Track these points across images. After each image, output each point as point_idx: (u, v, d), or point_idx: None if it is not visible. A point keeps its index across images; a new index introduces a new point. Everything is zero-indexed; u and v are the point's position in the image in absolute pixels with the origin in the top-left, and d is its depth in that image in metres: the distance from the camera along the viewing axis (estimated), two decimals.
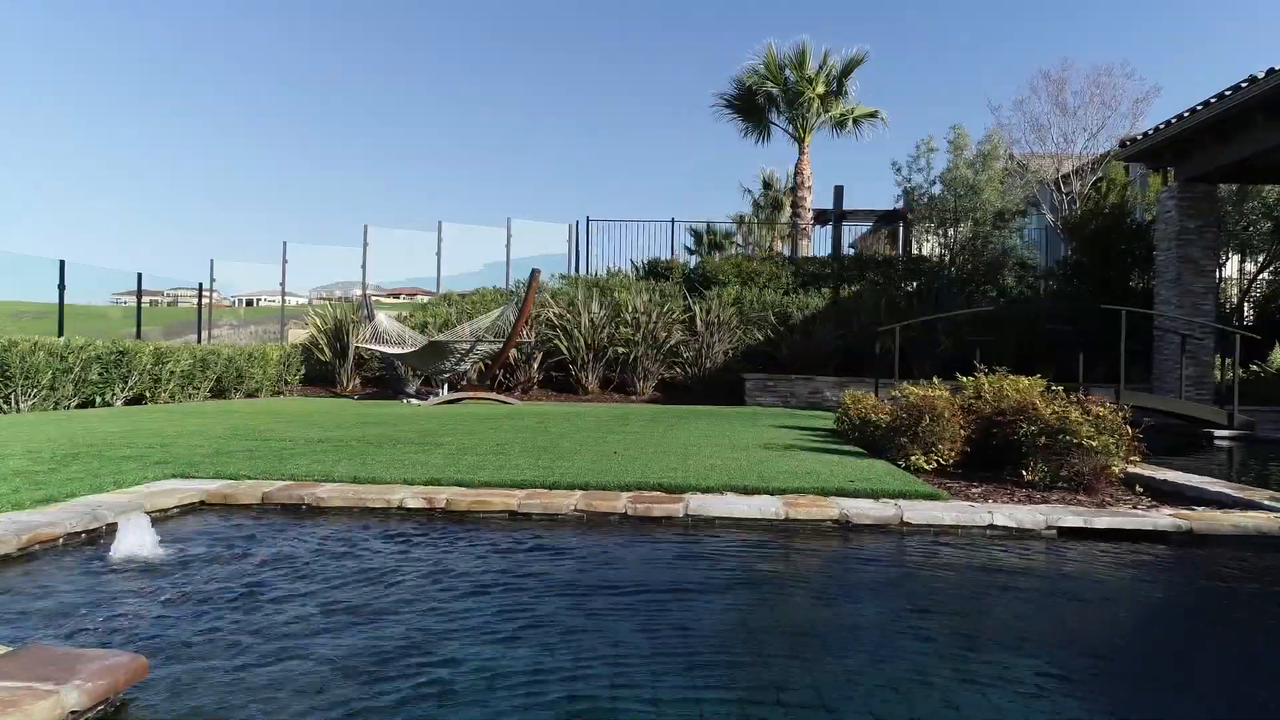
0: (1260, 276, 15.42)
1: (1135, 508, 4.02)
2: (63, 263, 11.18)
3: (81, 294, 12.64)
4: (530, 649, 2.04)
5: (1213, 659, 2.26)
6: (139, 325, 13.43)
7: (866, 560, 3.13)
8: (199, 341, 14.69)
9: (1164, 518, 3.68)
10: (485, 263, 22.03)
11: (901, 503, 3.81)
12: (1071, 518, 3.66)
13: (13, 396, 7.99)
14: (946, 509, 3.74)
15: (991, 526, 3.60)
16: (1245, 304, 15.79)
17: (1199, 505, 4.16)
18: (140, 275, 13.38)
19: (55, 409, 8.52)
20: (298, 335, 15.85)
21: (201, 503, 3.79)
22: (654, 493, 3.96)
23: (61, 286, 11.21)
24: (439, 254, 17.40)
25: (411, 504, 3.76)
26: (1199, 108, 10.98)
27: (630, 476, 4.26)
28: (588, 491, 3.94)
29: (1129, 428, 4.78)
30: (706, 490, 4.01)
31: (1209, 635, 2.50)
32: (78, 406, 8.90)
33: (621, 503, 3.73)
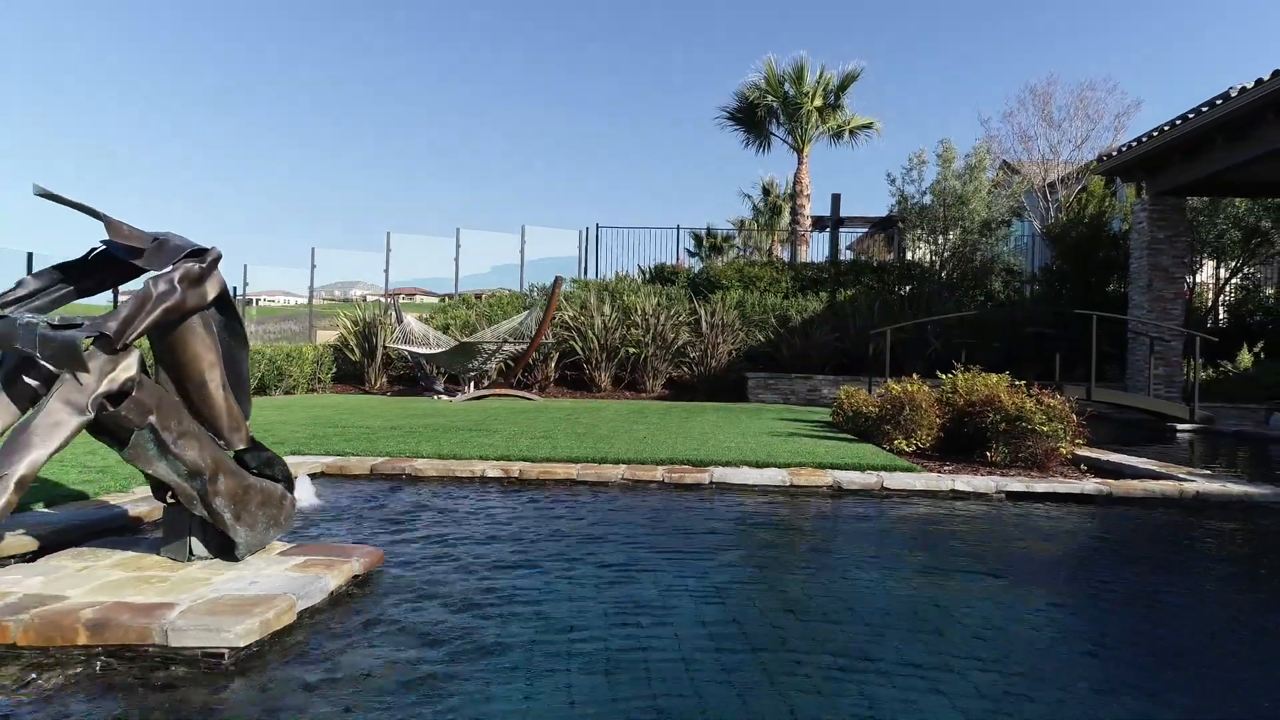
0: (1231, 281, 16.41)
1: (1076, 480, 4.96)
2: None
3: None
4: (603, 543, 2.98)
5: (1087, 562, 3.21)
6: None
7: (851, 508, 4.06)
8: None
9: (1090, 484, 4.64)
10: (493, 265, 22.98)
11: (883, 473, 4.76)
12: (1016, 484, 4.62)
13: None
14: (918, 478, 4.68)
15: (953, 491, 4.55)
16: (1219, 307, 16.78)
17: (1133, 479, 5.10)
18: None
19: None
20: (325, 336, 16.77)
21: (322, 472, 4.72)
22: (683, 466, 4.90)
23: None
24: (456, 259, 18.34)
25: (491, 474, 4.70)
26: (1166, 128, 11.94)
27: (662, 454, 5.20)
28: (630, 465, 4.88)
29: (1075, 416, 5.73)
30: (725, 464, 4.94)
31: (1094, 550, 3.45)
32: None
33: (658, 473, 4.68)
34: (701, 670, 1.94)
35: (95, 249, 2.25)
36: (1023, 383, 6.41)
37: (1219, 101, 10.70)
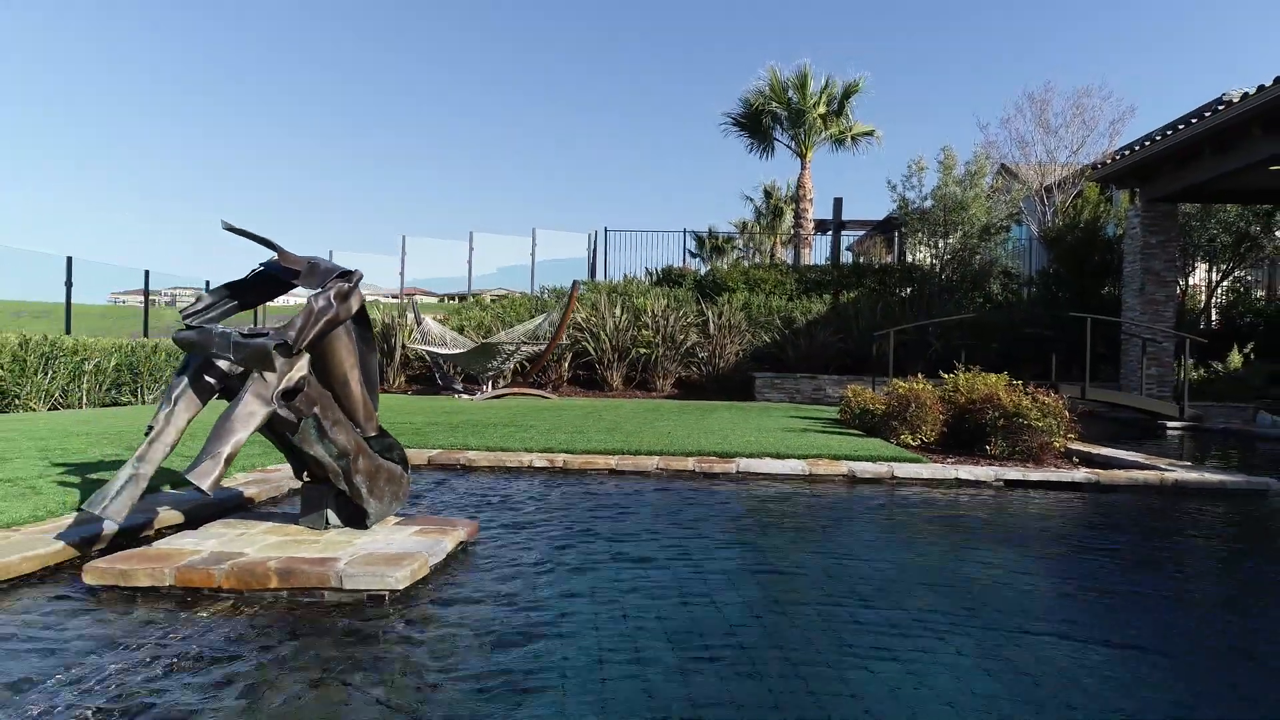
0: (1222, 284, 16.92)
1: (1068, 470, 5.45)
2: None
3: (82, 293, 12.90)
4: (652, 516, 3.47)
5: (1070, 533, 3.69)
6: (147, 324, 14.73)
7: (866, 493, 4.55)
8: None
9: (1080, 473, 5.13)
10: (499, 266, 23.55)
11: (893, 464, 5.24)
12: (1013, 473, 5.11)
13: (140, 390, 9.39)
14: (925, 468, 5.17)
15: (957, 479, 5.04)
16: (1212, 309, 17.30)
17: (1119, 469, 5.58)
18: (147, 273, 14.42)
19: None
20: None
21: None
22: (711, 457, 5.38)
23: (69, 281, 11.81)
24: (470, 262, 18.84)
25: (538, 464, 5.18)
26: (1157, 138, 12.44)
27: (690, 447, 5.68)
28: (663, 456, 5.36)
29: (1068, 413, 6.22)
30: (749, 456, 5.43)
31: (1080, 526, 3.93)
32: None
33: (690, 463, 5.16)
34: (747, 588, 2.45)
35: (256, 270, 2.73)
36: (1020, 382, 6.88)
37: (1207, 114, 11.20)
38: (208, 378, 2.60)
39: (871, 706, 1.75)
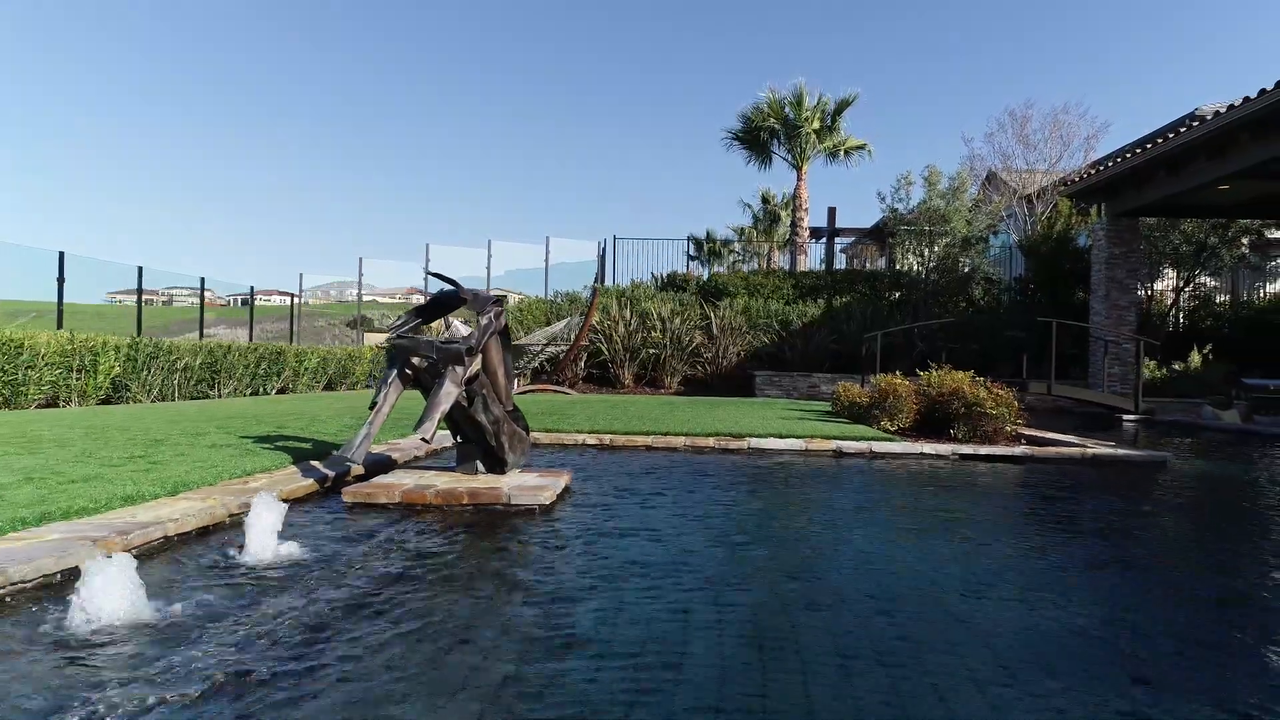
0: (1185, 290, 18.34)
1: (1012, 447, 6.79)
2: (141, 268, 13.10)
3: (78, 292, 13.59)
4: (685, 475, 4.79)
5: (1010, 491, 5.03)
6: (201, 326, 16.02)
7: (850, 462, 5.88)
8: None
9: (1020, 449, 6.48)
10: (507, 270, 24.85)
11: (872, 443, 6.57)
12: (967, 449, 6.46)
13: (218, 384, 10.69)
14: (897, 445, 6.51)
15: (921, 453, 6.38)
16: (1178, 313, 18.70)
17: (1051, 447, 6.91)
18: (203, 280, 15.58)
19: (236, 396, 11.19)
20: (374, 339, 18.52)
21: None
22: (727, 437, 6.70)
23: (140, 289, 13.20)
24: (489, 267, 20.10)
25: (589, 441, 6.51)
26: (1118, 159, 13.83)
27: (708, 429, 7.01)
28: (688, 436, 6.69)
29: (1016, 403, 7.56)
30: (757, 436, 6.75)
31: (1017, 489, 5.27)
32: (250, 395, 11.58)
33: (710, 441, 6.49)
34: (758, 513, 3.77)
35: (432, 298, 4.05)
36: (983, 378, 8.22)
37: (1159, 140, 12.58)
38: (406, 371, 3.91)
39: (832, 544, 3.08)
